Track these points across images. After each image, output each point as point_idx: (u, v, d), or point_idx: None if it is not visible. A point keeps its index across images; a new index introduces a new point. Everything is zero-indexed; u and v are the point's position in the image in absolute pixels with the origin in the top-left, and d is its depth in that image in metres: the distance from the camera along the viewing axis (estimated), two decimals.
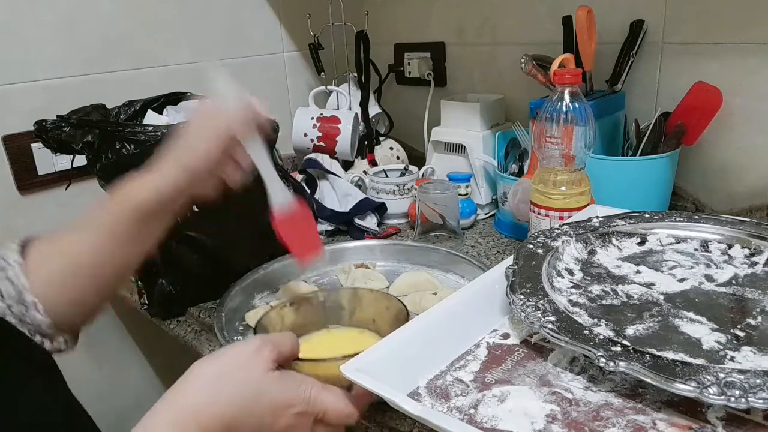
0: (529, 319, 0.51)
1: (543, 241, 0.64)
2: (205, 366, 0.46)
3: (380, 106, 1.36)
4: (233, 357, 0.47)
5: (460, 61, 1.30)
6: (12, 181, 1.01)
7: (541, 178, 0.79)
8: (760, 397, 0.39)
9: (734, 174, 0.94)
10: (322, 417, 0.47)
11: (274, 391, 0.46)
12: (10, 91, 0.99)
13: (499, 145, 1.07)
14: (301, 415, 0.46)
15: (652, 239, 0.66)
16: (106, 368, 1.18)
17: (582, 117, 0.75)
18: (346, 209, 1.04)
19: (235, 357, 0.47)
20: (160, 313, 0.84)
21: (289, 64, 1.37)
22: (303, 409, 0.46)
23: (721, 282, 0.57)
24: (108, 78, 1.10)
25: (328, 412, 0.47)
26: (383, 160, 1.26)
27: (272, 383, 0.46)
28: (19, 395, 0.44)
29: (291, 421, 0.46)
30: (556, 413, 0.45)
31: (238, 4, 1.25)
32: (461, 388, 0.49)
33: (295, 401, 0.46)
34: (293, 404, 0.46)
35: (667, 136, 0.92)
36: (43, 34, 1.01)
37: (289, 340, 0.50)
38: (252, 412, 0.44)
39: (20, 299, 0.53)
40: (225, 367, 0.46)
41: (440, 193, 0.94)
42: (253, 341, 0.48)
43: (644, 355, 0.44)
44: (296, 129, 1.22)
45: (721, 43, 0.90)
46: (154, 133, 0.75)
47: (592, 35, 0.94)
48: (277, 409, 0.45)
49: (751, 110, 0.90)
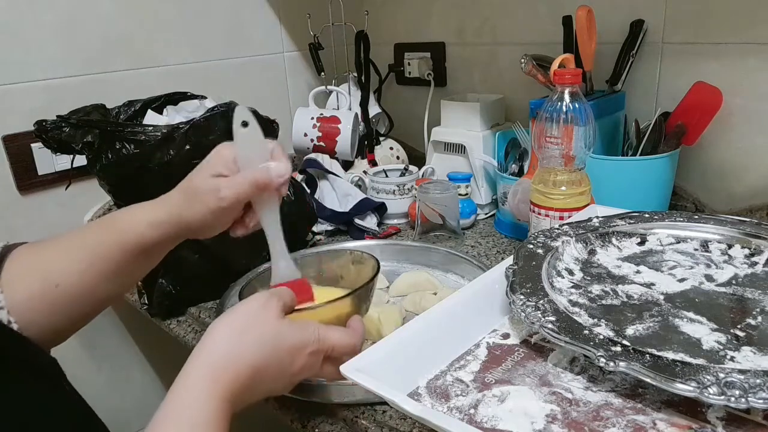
0: (529, 319, 0.51)
1: (543, 241, 0.64)
2: (222, 324, 0.50)
3: (380, 106, 1.36)
4: (247, 311, 0.51)
5: (460, 61, 1.30)
6: (12, 181, 1.01)
7: (541, 178, 0.79)
8: (760, 397, 0.39)
9: (734, 174, 0.94)
10: (330, 353, 0.53)
11: (289, 335, 0.50)
12: (10, 91, 0.99)
13: (499, 145, 1.07)
14: (314, 353, 0.52)
15: (652, 239, 0.66)
16: (106, 368, 1.18)
17: (582, 117, 0.75)
18: (346, 209, 1.04)
19: (249, 311, 0.50)
20: (160, 313, 0.84)
21: (289, 64, 1.37)
22: (315, 348, 0.51)
23: (721, 282, 0.57)
24: (108, 78, 1.10)
25: (336, 347, 0.53)
26: (383, 160, 1.26)
27: (286, 329, 0.50)
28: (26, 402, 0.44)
29: (306, 360, 0.51)
30: (556, 413, 0.45)
31: (238, 4, 1.25)
32: (461, 388, 0.49)
33: (308, 342, 0.51)
34: (306, 345, 0.51)
35: (667, 136, 0.92)
36: (43, 34, 1.01)
37: (287, 292, 0.55)
38: (273, 357, 0.49)
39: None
40: (242, 321, 0.50)
41: (440, 193, 0.94)
42: (259, 296, 0.52)
43: (644, 355, 0.44)
44: (296, 129, 1.22)
45: (721, 43, 0.90)
46: (154, 133, 0.75)
47: (592, 35, 0.94)
48: (294, 350, 0.50)
49: (751, 110, 0.90)
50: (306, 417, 0.60)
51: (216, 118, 0.78)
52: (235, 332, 0.49)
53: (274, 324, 0.50)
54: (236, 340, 0.48)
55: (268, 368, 0.49)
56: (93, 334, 1.14)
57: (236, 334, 0.49)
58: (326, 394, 0.60)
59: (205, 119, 0.77)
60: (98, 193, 0.84)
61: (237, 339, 0.48)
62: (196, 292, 0.84)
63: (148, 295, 0.84)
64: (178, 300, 0.83)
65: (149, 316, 0.85)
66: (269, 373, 0.49)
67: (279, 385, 0.52)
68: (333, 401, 0.60)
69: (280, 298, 0.53)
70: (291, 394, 0.61)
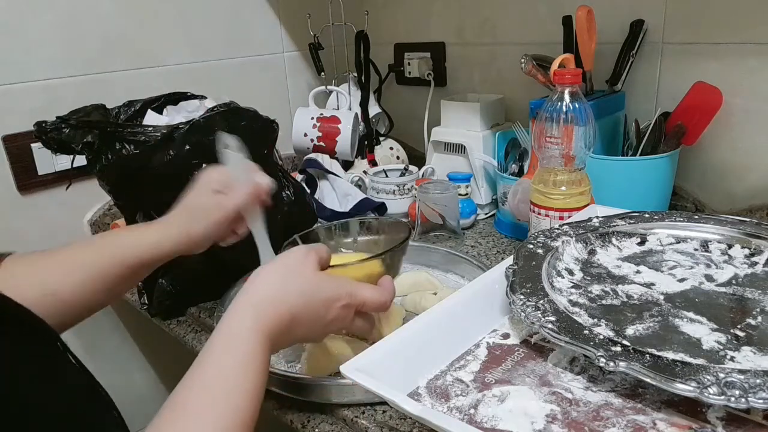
0: (529, 319, 0.51)
1: (543, 241, 0.64)
2: (267, 270, 0.54)
3: (380, 106, 1.36)
4: (288, 262, 0.55)
5: (460, 61, 1.30)
6: (12, 181, 1.01)
7: (541, 178, 0.79)
8: (760, 397, 0.39)
9: (734, 174, 0.94)
10: (361, 308, 0.57)
11: (324, 288, 0.54)
12: (10, 91, 0.99)
13: (499, 145, 1.07)
14: (346, 307, 0.55)
15: (652, 239, 0.66)
16: (106, 368, 1.17)
17: (582, 117, 0.75)
18: (346, 209, 1.04)
19: (290, 262, 0.55)
20: (160, 313, 0.84)
21: (289, 64, 1.37)
22: (347, 302, 0.55)
23: (721, 282, 0.57)
24: (108, 78, 1.10)
25: (366, 302, 0.56)
26: (383, 160, 1.26)
27: (323, 281, 0.54)
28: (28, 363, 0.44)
29: (338, 312, 0.54)
30: (556, 413, 0.45)
31: (238, 4, 1.25)
32: (461, 388, 0.49)
33: (341, 295, 0.55)
34: (340, 298, 0.54)
35: (667, 136, 0.92)
36: (43, 34, 1.01)
37: (324, 248, 0.59)
38: (310, 305, 0.53)
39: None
40: (286, 269, 0.54)
41: (440, 193, 0.94)
42: (300, 249, 0.57)
43: (644, 355, 0.44)
44: (296, 129, 1.22)
45: (721, 43, 0.90)
46: (154, 133, 0.75)
47: (592, 35, 0.94)
48: (328, 302, 0.54)
49: (751, 110, 0.90)
50: (306, 417, 0.60)
51: (216, 118, 0.78)
52: (278, 278, 0.53)
53: (312, 276, 0.54)
54: (279, 284, 0.53)
55: (304, 315, 0.52)
56: (93, 334, 1.14)
57: (279, 279, 0.53)
58: (326, 394, 0.60)
59: (205, 119, 0.77)
60: (98, 193, 0.83)
61: (280, 284, 0.53)
62: (196, 292, 0.84)
63: (148, 295, 0.84)
64: (178, 300, 0.83)
65: (149, 316, 0.85)
66: (305, 320, 0.53)
67: (313, 333, 0.56)
68: (333, 401, 0.60)
69: (317, 253, 0.57)
70: (291, 394, 0.62)
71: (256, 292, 0.52)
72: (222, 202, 0.64)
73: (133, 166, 0.75)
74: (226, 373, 0.46)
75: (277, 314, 0.50)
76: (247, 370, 0.46)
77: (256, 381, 0.46)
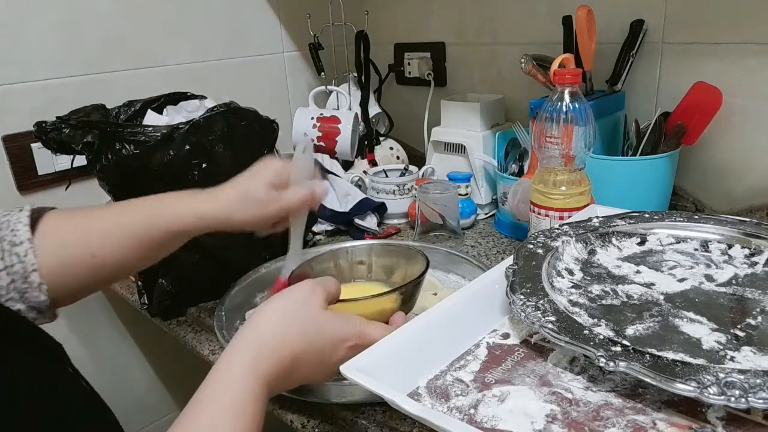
0: (529, 319, 0.51)
1: (543, 241, 0.64)
2: (269, 309, 0.52)
3: (380, 106, 1.36)
4: (293, 299, 0.53)
5: (460, 61, 1.30)
6: (12, 181, 1.01)
7: (541, 178, 0.79)
8: (760, 397, 0.39)
9: (734, 174, 0.94)
10: None
11: (331, 327, 0.52)
12: (10, 91, 0.99)
13: (499, 145, 1.07)
14: (354, 347, 0.52)
15: (652, 239, 0.66)
16: (106, 368, 1.18)
17: (582, 117, 0.75)
18: (346, 209, 1.04)
19: (296, 298, 0.53)
20: (160, 313, 0.84)
21: (289, 64, 1.37)
22: (355, 342, 0.52)
23: (721, 282, 0.57)
24: (108, 78, 1.10)
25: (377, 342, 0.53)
26: (383, 160, 1.26)
27: (329, 320, 0.52)
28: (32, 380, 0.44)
29: (346, 353, 0.51)
30: (556, 413, 0.45)
31: (238, 4, 1.25)
32: (461, 388, 0.49)
33: (349, 335, 0.52)
34: (347, 338, 0.52)
35: (667, 136, 0.92)
36: (43, 34, 1.01)
37: (333, 282, 0.56)
38: (314, 346, 0.51)
39: (26, 278, 0.53)
40: (290, 307, 0.52)
41: (440, 193, 0.94)
42: (306, 284, 0.54)
43: (644, 355, 0.44)
44: (296, 129, 1.22)
45: (721, 43, 0.90)
46: (153, 133, 0.75)
47: (592, 35, 0.94)
48: (335, 342, 0.52)
49: (751, 110, 0.90)
50: (306, 417, 0.60)
51: (216, 118, 0.78)
52: (281, 318, 0.51)
53: (318, 315, 0.52)
54: (281, 325, 0.50)
55: (308, 357, 0.50)
56: (93, 334, 1.15)
57: (282, 319, 0.51)
58: (326, 394, 0.60)
59: (205, 119, 0.77)
60: (98, 194, 0.83)
61: (282, 324, 0.50)
62: (196, 292, 0.84)
63: (148, 295, 0.84)
64: (178, 300, 0.83)
65: (149, 316, 0.85)
66: (308, 362, 0.51)
67: (317, 375, 0.53)
68: (333, 401, 0.60)
69: (325, 288, 0.54)
70: (291, 394, 0.61)
71: (257, 330, 0.50)
72: (277, 198, 0.62)
73: (133, 166, 0.75)
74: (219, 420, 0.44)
75: (277, 356, 0.48)
76: (238, 418, 0.44)
77: (249, 427, 0.45)
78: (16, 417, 0.39)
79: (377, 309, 0.58)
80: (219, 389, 0.46)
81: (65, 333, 1.10)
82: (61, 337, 0.48)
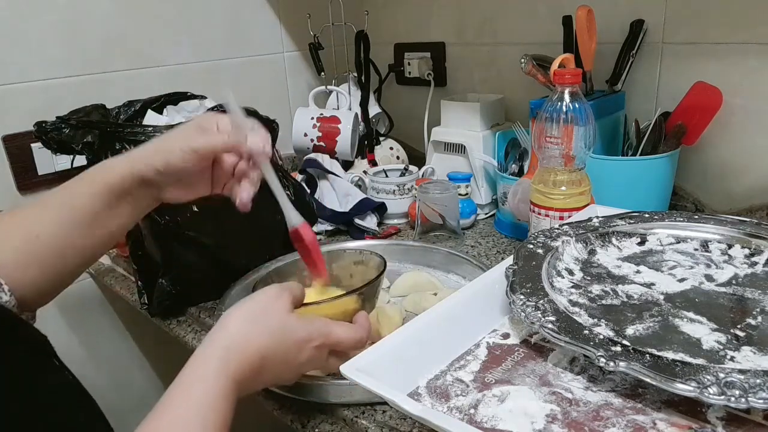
0: (529, 319, 0.51)
1: (543, 241, 0.64)
2: (238, 311, 0.53)
3: (380, 106, 1.36)
4: (260, 302, 0.54)
5: (460, 61, 1.30)
6: (12, 181, 1.01)
7: (541, 178, 0.79)
8: (760, 397, 0.39)
9: (734, 174, 0.94)
10: (336, 347, 0.56)
11: (296, 328, 0.53)
12: (10, 91, 0.99)
13: (499, 145, 1.07)
14: (320, 347, 0.54)
15: (652, 239, 0.66)
16: (106, 368, 1.18)
17: (582, 117, 0.75)
18: (346, 209, 1.04)
19: (262, 301, 0.54)
20: (160, 313, 0.84)
21: (289, 64, 1.37)
22: (320, 342, 0.54)
23: (721, 282, 0.57)
24: (108, 78, 1.10)
25: (341, 341, 0.55)
26: (383, 160, 1.26)
27: (294, 322, 0.53)
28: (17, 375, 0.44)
29: (311, 353, 0.54)
30: (556, 413, 0.45)
31: (238, 4, 1.25)
32: (461, 388, 0.49)
33: (314, 336, 0.54)
34: (313, 339, 0.54)
35: (667, 136, 0.92)
36: (43, 34, 1.01)
37: (297, 286, 0.58)
38: (281, 347, 0.52)
39: None
40: (255, 311, 0.53)
41: (440, 193, 0.94)
42: (272, 289, 0.55)
43: (644, 355, 0.44)
44: (296, 129, 1.22)
45: (721, 43, 0.90)
46: (153, 133, 0.75)
47: (592, 35, 0.94)
48: (301, 343, 0.53)
49: (751, 110, 0.90)
50: (306, 417, 0.60)
51: None
52: (248, 319, 0.52)
53: (284, 317, 0.53)
54: (249, 326, 0.51)
55: (275, 357, 0.52)
56: (93, 334, 1.15)
57: (249, 321, 0.52)
58: (326, 394, 0.60)
59: None
60: None
61: (250, 326, 0.52)
62: (196, 292, 0.84)
63: (148, 295, 0.84)
64: (178, 300, 0.83)
65: (149, 316, 0.85)
66: (275, 362, 0.52)
67: (285, 375, 0.55)
68: (333, 401, 0.60)
69: (290, 293, 0.56)
70: (291, 394, 0.62)
71: (225, 333, 0.51)
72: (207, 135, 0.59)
73: None
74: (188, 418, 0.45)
75: (245, 358, 0.49)
76: (207, 417, 0.45)
77: (217, 426, 0.45)
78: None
79: (340, 310, 0.60)
80: (188, 388, 0.47)
81: (65, 333, 1.10)
82: (61, 337, 0.49)
